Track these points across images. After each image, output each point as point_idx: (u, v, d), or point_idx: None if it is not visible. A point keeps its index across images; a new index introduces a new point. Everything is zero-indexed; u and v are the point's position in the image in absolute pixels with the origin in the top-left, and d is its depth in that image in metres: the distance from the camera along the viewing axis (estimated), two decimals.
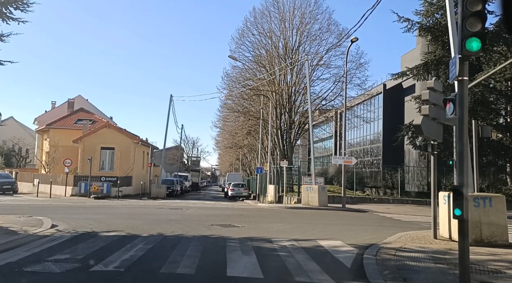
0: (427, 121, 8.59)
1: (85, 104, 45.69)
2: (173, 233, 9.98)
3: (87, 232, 9.85)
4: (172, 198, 31.53)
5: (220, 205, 23.59)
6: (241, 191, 34.62)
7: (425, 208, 21.76)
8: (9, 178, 31.53)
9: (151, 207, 20.07)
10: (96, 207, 18.95)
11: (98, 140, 32.83)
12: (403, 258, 7.12)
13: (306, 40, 28.58)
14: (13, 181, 31.27)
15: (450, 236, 8.91)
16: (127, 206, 20.21)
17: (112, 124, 34.95)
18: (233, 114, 36.61)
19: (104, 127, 33.43)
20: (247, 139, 41.55)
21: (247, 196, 34.88)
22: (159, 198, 30.06)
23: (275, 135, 28.04)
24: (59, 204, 20.70)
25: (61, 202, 22.44)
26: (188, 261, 6.79)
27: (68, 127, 36.18)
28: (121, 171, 32.57)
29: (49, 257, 6.87)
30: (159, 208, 19.29)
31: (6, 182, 30.20)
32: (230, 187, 35.12)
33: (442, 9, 24.35)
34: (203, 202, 26.75)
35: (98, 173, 31.85)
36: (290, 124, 27.92)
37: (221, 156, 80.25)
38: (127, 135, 34.14)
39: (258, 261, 6.80)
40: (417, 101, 25.13)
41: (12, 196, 29.05)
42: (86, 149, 32.36)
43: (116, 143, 33.09)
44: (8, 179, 31.02)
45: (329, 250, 8.01)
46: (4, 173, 33.06)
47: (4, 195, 28.92)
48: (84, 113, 39.28)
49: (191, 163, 68.48)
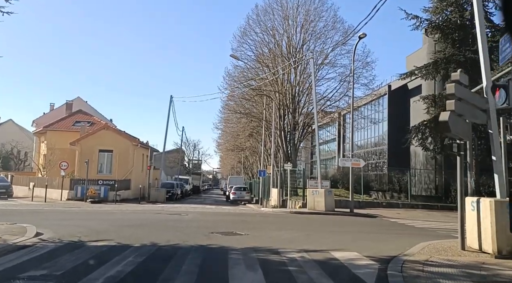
0: (454, 117, 7.62)
1: (84, 106, 44.86)
2: (168, 243, 9.01)
3: (73, 242, 8.89)
4: (172, 202, 30.57)
5: (221, 210, 22.60)
6: (243, 194, 33.64)
7: (436, 213, 20.76)
8: (4, 181, 30.59)
9: (148, 212, 19.10)
10: (90, 213, 17.99)
11: (96, 142, 31.93)
12: (434, 275, 6.13)
13: (310, 38, 27.68)
14: (8, 184, 30.33)
15: (480, 247, 7.92)
16: (123, 212, 19.24)
17: (111, 126, 34.09)
18: (235, 116, 35.68)
19: (102, 128, 32.54)
20: (249, 141, 40.61)
21: (249, 200, 33.90)
22: (159, 202, 29.10)
23: (278, 136, 27.09)
24: (51, 209, 19.73)
25: (55, 206, 21.49)
26: (184, 278, 5.82)
27: (66, 129, 35.31)
28: (120, 174, 31.65)
29: (22, 273, 5.90)
30: (157, 213, 18.31)
31: (0, 186, 29.29)
32: (232, 190, 34.15)
33: (452, 5, 23.47)
34: (203, 207, 25.77)
35: (96, 176, 30.94)
36: (294, 125, 26.93)
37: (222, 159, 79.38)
38: (126, 137, 33.25)
39: (265, 279, 5.83)
40: (425, 101, 24.20)
41: (7, 200, 28.13)
42: (83, 151, 31.47)
43: (114, 145, 32.19)
44: (2, 182, 30.09)
45: (345, 264, 7.03)
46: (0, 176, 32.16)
47: None
48: (83, 115, 38.41)
49: (192, 166, 67.50)
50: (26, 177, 34.55)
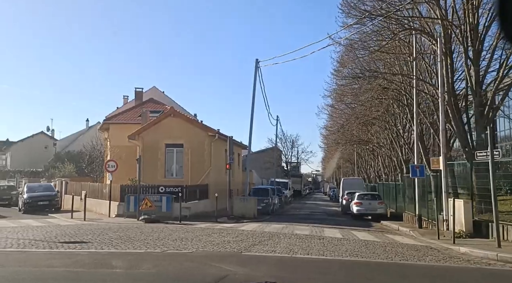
0: None
1: (160, 97, 37.23)
2: None
3: None
4: (267, 218, 20.17)
5: (360, 243, 11.30)
6: (375, 206, 21.73)
7: None
8: (49, 190, 23.41)
9: (216, 253, 8.72)
10: (122, 255, 8.25)
11: (161, 135, 23.15)
12: None
13: None
14: (53, 194, 22.97)
15: None
16: (177, 248, 9.19)
17: (178, 112, 25.06)
18: (352, 89, 24.07)
19: (167, 115, 23.63)
20: (372, 129, 28.55)
21: (385, 214, 21.87)
22: (246, 219, 18.92)
23: (446, 104, 14.85)
24: (68, 245, 10.46)
25: (83, 232, 12.36)
26: None
27: (131, 121, 27.35)
28: (194, 178, 22.41)
29: None
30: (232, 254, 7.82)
31: (42, 197, 21.99)
32: (356, 199, 22.45)
33: None
34: (319, 229, 14.81)
35: (163, 180, 22.09)
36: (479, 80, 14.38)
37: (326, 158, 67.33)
38: (199, 126, 23.89)
39: None
40: None
41: (47, 215, 20.66)
42: (146, 147, 22.88)
43: (185, 137, 23.04)
44: (47, 192, 22.86)
45: None
46: (46, 184, 25.36)
47: (37, 214, 20.68)
48: (153, 104, 30.41)
49: (290, 167, 56.86)
50: (85, 184, 27.30)
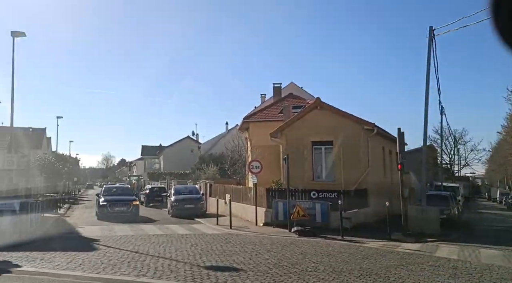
0: None
1: (298, 92, 34.56)
2: None
3: None
4: (455, 237, 14.98)
5: None
6: None
7: None
8: (194, 193, 22.47)
9: None
10: None
11: (306, 131, 20.04)
12: None
13: None
14: (199, 197, 21.89)
15: None
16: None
17: (325, 104, 21.47)
18: None
19: (313, 108, 20.40)
20: None
21: None
22: (427, 237, 14.22)
23: None
24: None
25: (231, 248, 10.00)
26: None
27: (272, 118, 25.15)
28: (348, 181, 18.65)
29: None
30: None
31: (188, 200, 21.04)
32: None
33: None
34: None
35: (310, 183, 18.95)
36: None
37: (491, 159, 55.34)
38: (352, 119, 19.91)
39: None
40: None
41: (193, 219, 19.55)
42: (289, 146, 20.03)
43: (335, 132, 19.43)
44: (193, 195, 21.92)
45: None
46: (191, 186, 24.67)
47: (184, 218, 19.75)
48: (294, 100, 27.79)
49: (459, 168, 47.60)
50: (229, 187, 26.05)
